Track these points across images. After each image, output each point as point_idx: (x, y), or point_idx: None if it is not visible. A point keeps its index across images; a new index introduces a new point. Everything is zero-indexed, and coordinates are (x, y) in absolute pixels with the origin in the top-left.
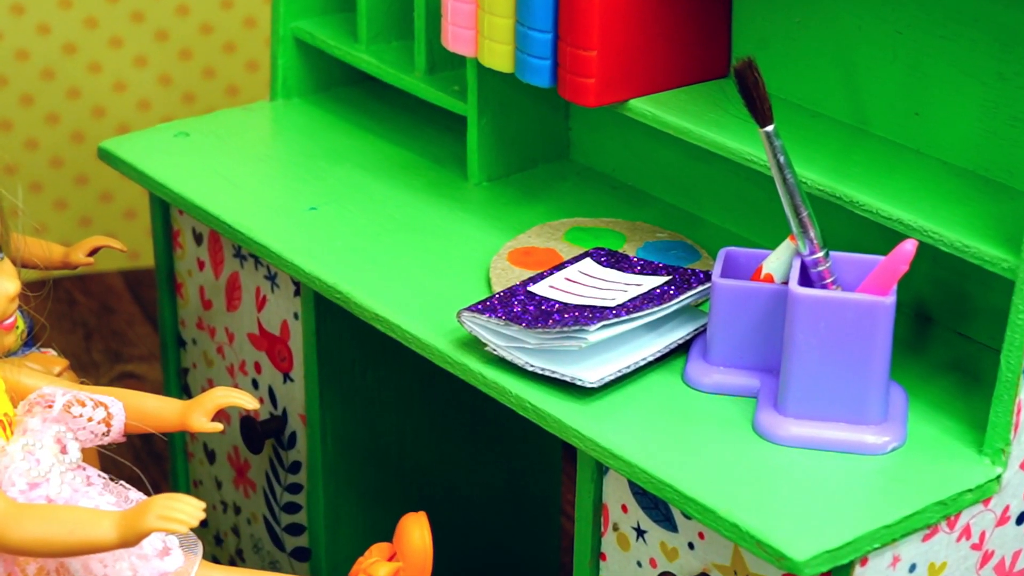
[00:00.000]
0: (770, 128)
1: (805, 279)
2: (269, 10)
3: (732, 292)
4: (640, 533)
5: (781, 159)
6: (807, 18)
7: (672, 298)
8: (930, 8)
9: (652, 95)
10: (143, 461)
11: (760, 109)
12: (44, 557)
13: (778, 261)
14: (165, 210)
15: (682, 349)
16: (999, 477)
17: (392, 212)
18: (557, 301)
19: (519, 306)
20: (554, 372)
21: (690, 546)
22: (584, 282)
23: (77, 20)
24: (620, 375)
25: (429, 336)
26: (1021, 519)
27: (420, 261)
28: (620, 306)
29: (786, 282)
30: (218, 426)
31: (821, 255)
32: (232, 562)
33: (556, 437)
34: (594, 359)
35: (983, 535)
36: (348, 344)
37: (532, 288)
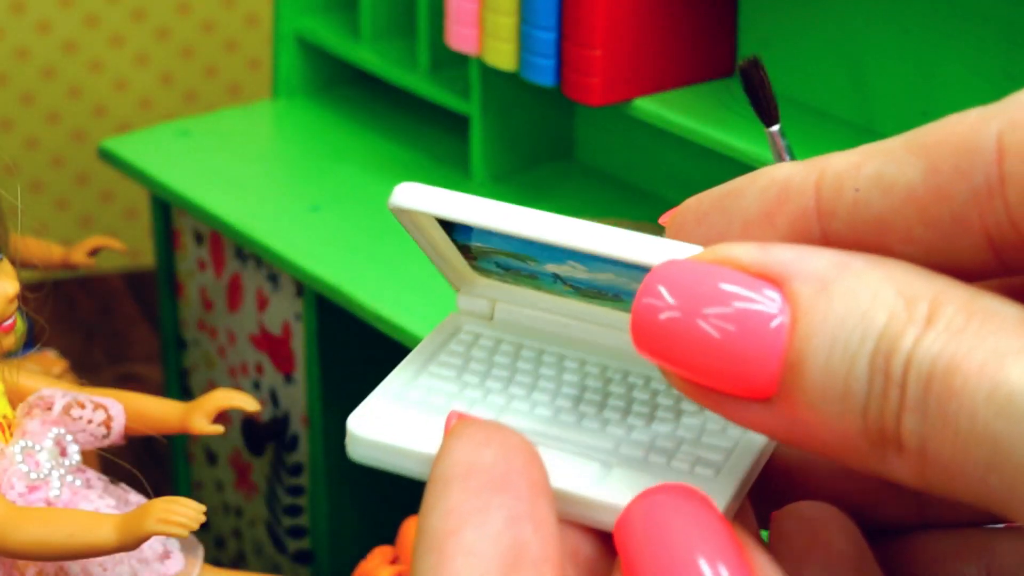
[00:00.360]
0: (776, 127)
1: None
2: (271, 8)
3: None
4: None
5: (787, 159)
6: (814, 16)
7: None
8: (938, 7)
9: (657, 94)
10: (143, 463)
11: (766, 108)
12: (43, 561)
13: None
14: (166, 210)
15: None
16: None
17: None
18: None
19: None
20: None
21: None
22: None
23: (77, 19)
24: None
25: None
26: None
27: (422, 261)
28: None
29: None
30: (219, 428)
31: None
32: (234, 565)
33: None
34: None
35: None
36: (350, 345)
37: None
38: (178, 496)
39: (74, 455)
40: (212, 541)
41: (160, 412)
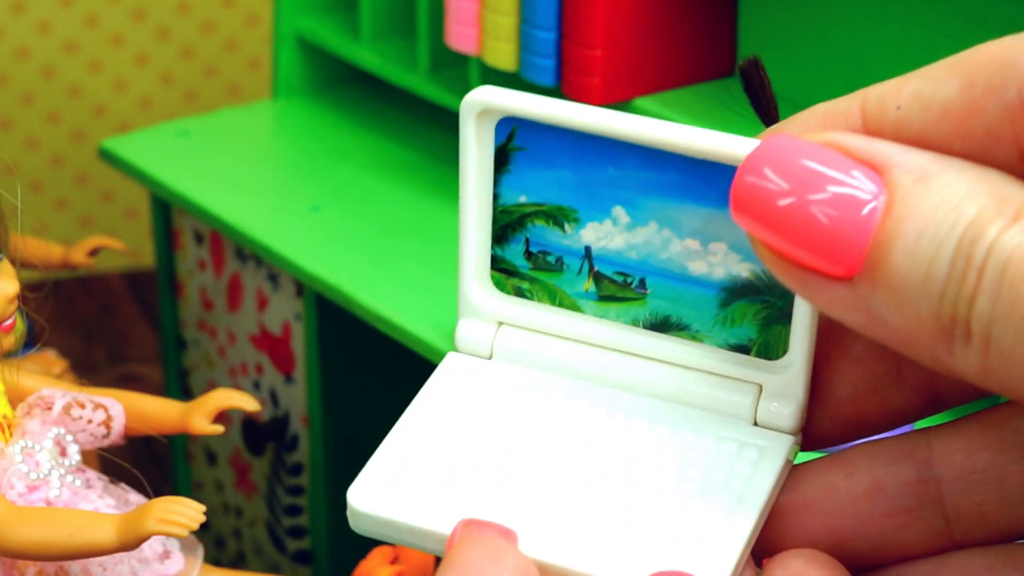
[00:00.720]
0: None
1: None
2: (271, 8)
3: None
4: None
5: None
6: (814, 16)
7: None
8: (938, 7)
9: (657, 94)
10: (143, 463)
11: (766, 108)
12: (43, 560)
13: None
14: (166, 210)
15: None
16: None
17: (395, 212)
18: None
19: None
20: None
21: None
22: None
23: (77, 18)
24: None
25: (432, 337)
26: None
27: (423, 261)
28: None
29: None
30: (219, 428)
31: None
32: (234, 565)
33: None
34: None
35: None
36: (350, 345)
37: None
38: (178, 496)
39: (74, 455)
40: (212, 541)
41: (160, 412)
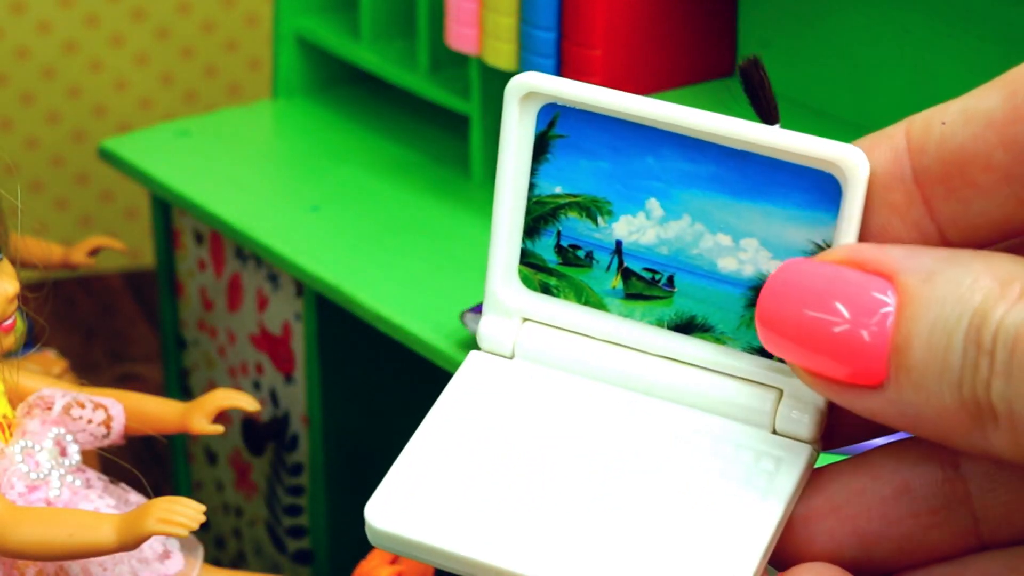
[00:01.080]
0: (776, 127)
1: None
2: (271, 8)
3: None
4: None
5: None
6: (814, 16)
7: None
8: (938, 6)
9: (657, 93)
10: (143, 463)
11: (766, 108)
12: (43, 560)
13: None
14: (166, 210)
15: None
16: None
17: (394, 212)
18: None
19: None
20: None
21: None
22: None
23: (77, 18)
24: None
25: (432, 337)
26: None
27: (423, 261)
28: None
29: None
30: (219, 428)
31: None
32: (234, 565)
33: None
34: None
35: None
36: (350, 345)
37: None
38: (178, 496)
39: (74, 455)
40: (212, 541)
41: (160, 412)
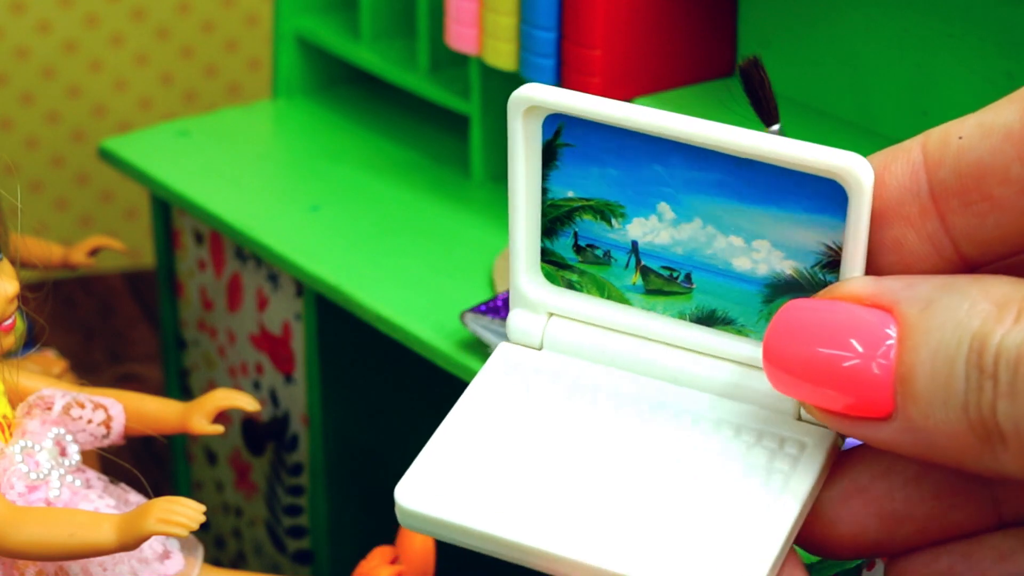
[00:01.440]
0: (776, 127)
1: None
2: (270, 8)
3: None
4: None
5: None
6: (814, 16)
7: None
8: (938, 6)
9: (656, 94)
10: (143, 463)
11: (766, 108)
12: (43, 560)
13: None
14: (166, 210)
15: None
16: None
17: (394, 212)
18: None
19: None
20: None
21: None
22: None
23: (77, 18)
24: None
25: (432, 337)
26: None
27: (423, 261)
28: None
29: None
30: (219, 428)
31: None
32: (234, 565)
33: None
34: None
35: None
36: (350, 345)
37: None
38: (178, 496)
39: (74, 455)
40: (212, 541)
41: (160, 412)
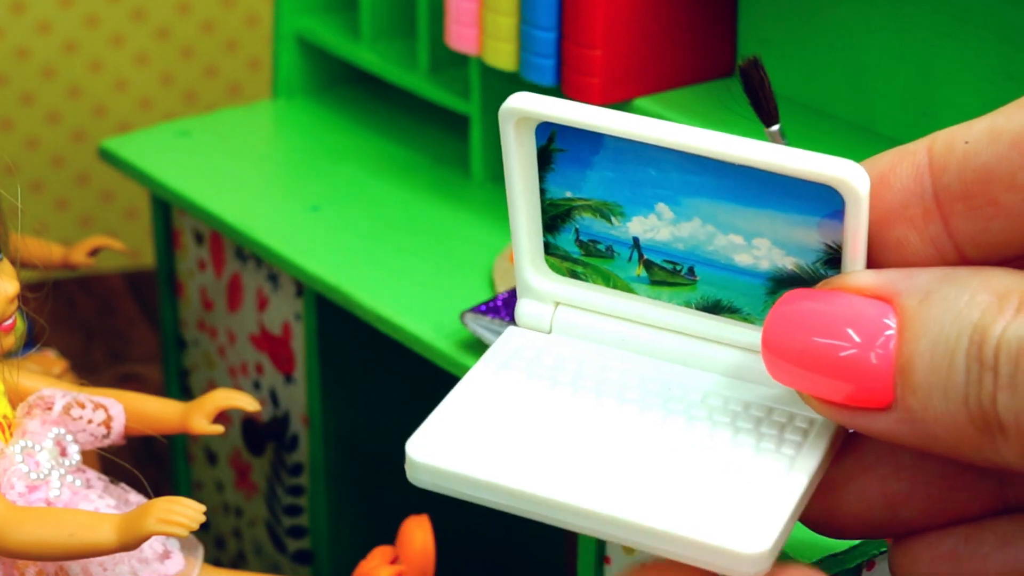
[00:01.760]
0: (776, 127)
1: None
2: (271, 8)
3: None
4: None
5: None
6: (814, 16)
7: None
8: (938, 6)
9: (657, 94)
10: (143, 463)
11: (766, 108)
12: (44, 560)
13: None
14: (166, 210)
15: None
16: None
17: (395, 212)
18: None
19: None
20: None
21: None
22: None
23: (77, 18)
24: None
25: (432, 337)
26: None
27: (423, 261)
28: None
29: None
30: (219, 428)
31: None
32: (234, 565)
33: None
34: None
35: None
36: (350, 345)
37: None
38: (178, 496)
39: (74, 455)
40: (212, 541)
41: (160, 412)
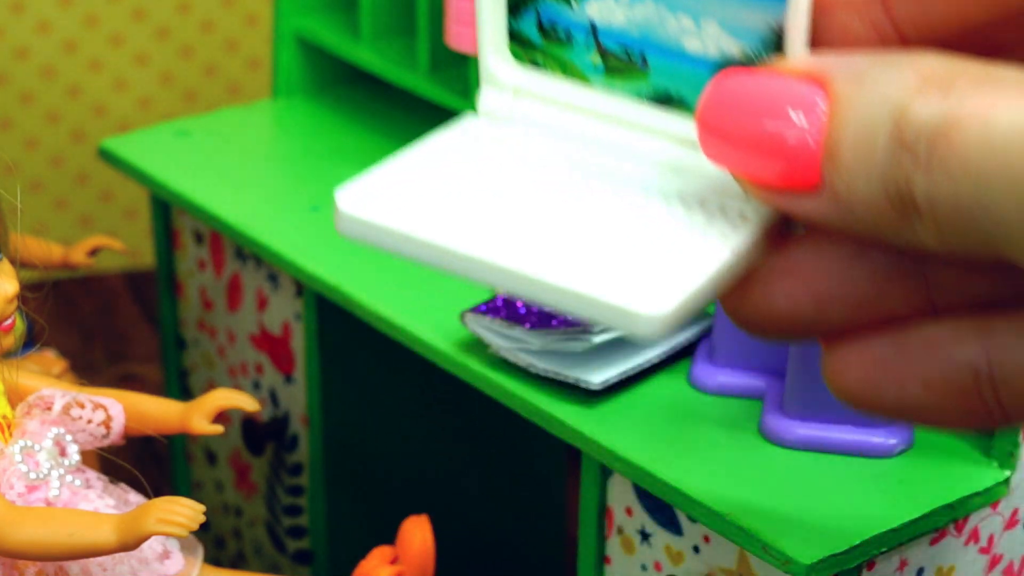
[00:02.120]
0: None
1: None
2: (271, 8)
3: None
4: (645, 536)
5: None
6: None
7: None
8: None
9: None
10: (143, 463)
11: None
12: (43, 560)
13: None
14: (166, 210)
15: (687, 351)
16: (1008, 480)
17: None
18: None
19: (523, 307)
20: (558, 374)
21: (695, 550)
22: None
23: (77, 18)
24: (624, 377)
25: (432, 338)
26: None
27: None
28: None
29: None
30: (219, 428)
31: None
32: (234, 565)
33: (560, 439)
34: (599, 361)
35: (992, 539)
36: (350, 346)
37: None
38: (178, 496)
39: (74, 455)
40: (212, 541)
41: (160, 412)
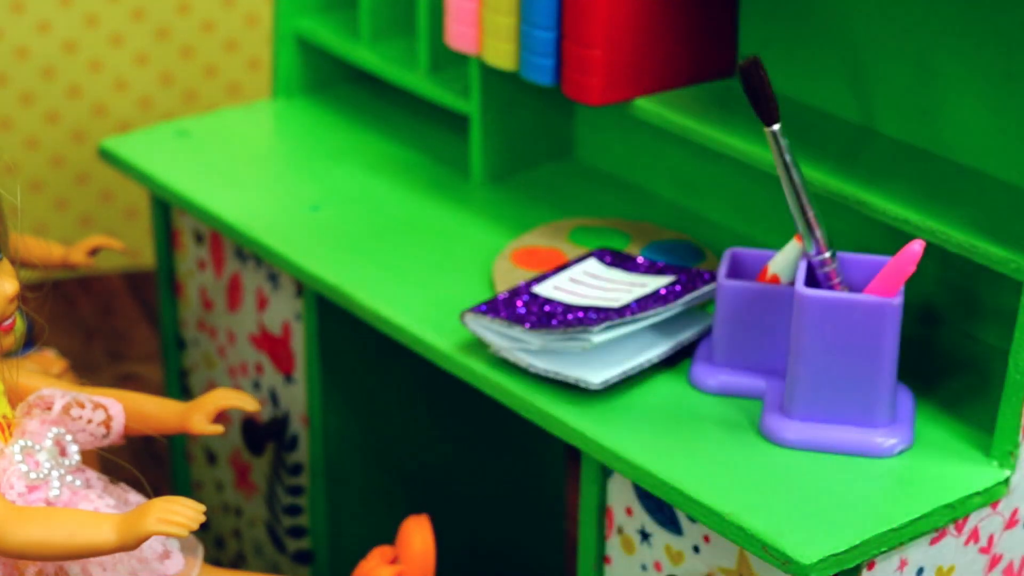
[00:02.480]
0: (776, 127)
1: (811, 280)
2: (271, 8)
3: (738, 293)
4: (645, 536)
5: (787, 158)
6: (814, 16)
7: (677, 299)
8: (938, 6)
9: (657, 94)
10: (143, 463)
11: (766, 108)
12: (44, 560)
13: (784, 261)
14: (166, 210)
15: (687, 351)
16: (1007, 480)
17: (394, 212)
18: (561, 302)
19: (523, 307)
20: (558, 374)
21: (695, 549)
22: (588, 283)
23: (77, 18)
24: (624, 377)
25: (432, 338)
26: None
27: (423, 261)
28: (625, 307)
29: (792, 283)
30: (219, 428)
31: (827, 255)
32: (234, 565)
33: (560, 439)
34: (599, 360)
35: (991, 538)
36: (350, 345)
37: (536, 289)
38: (178, 496)
39: (74, 455)
40: (212, 541)
41: (160, 412)
